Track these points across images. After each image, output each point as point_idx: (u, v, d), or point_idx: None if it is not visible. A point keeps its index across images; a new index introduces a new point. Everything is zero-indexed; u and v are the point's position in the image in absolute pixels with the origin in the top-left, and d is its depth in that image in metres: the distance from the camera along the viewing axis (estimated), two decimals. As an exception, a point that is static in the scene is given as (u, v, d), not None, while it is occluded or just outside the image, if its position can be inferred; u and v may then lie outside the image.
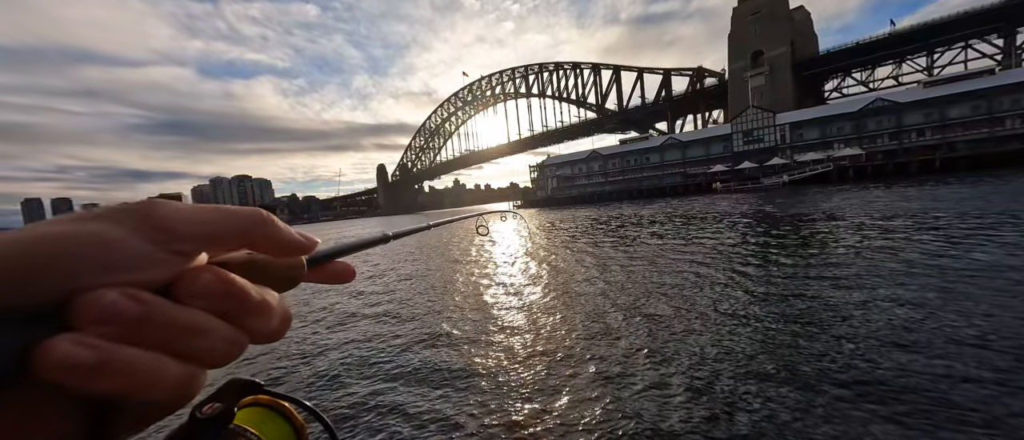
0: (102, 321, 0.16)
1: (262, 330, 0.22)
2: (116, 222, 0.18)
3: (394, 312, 6.94)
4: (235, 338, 0.20)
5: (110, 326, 0.16)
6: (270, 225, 0.22)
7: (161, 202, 0.19)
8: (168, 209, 0.19)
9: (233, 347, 0.20)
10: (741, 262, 8.14)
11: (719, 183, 53.10)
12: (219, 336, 0.19)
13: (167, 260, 0.19)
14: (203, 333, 0.19)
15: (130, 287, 0.17)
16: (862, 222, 11.78)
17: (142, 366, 0.16)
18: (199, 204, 0.21)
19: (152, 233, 0.18)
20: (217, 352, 0.19)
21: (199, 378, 0.19)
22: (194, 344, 0.18)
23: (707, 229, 14.06)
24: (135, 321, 0.17)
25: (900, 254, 7.37)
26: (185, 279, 0.19)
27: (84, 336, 0.16)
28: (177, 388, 0.18)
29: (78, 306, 0.16)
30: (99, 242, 0.17)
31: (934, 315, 4.44)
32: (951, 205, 13.53)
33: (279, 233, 0.23)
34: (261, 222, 0.22)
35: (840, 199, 20.64)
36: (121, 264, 0.17)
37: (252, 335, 0.21)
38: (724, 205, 25.24)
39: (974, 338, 3.81)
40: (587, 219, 24.91)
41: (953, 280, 5.59)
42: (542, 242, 15.10)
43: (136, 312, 0.17)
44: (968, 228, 9.19)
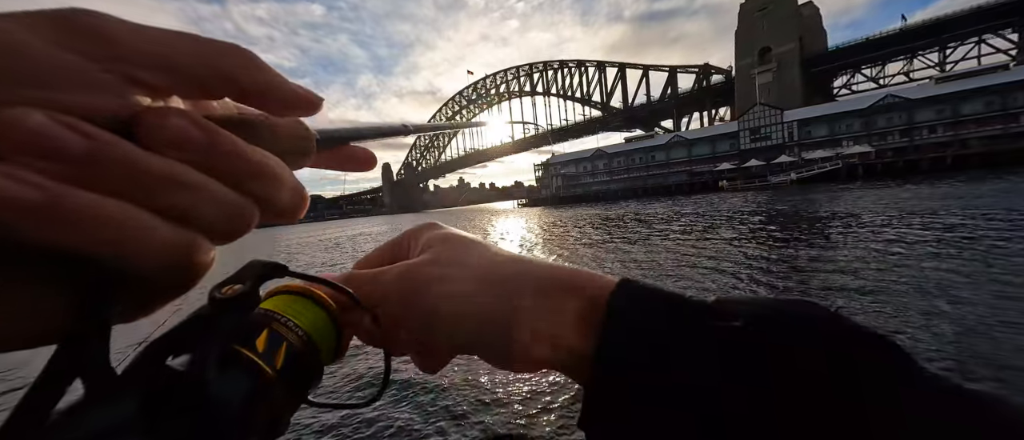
0: (36, 151, 0.12)
1: (269, 199, 0.17)
2: (28, 26, 0.12)
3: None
4: (235, 200, 0.16)
5: (50, 160, 0.12)
6: (256, 64, 0.16)
7: (96, 12, 0.14)
8: (106, 18, 0.13)
9: (237, 213, 0.16)
10: (752, 260, 7.95)
11: (726, 181, 52.55)
12: (212, 194, 0.15)
13: (111, 84, 0.13)
14: (186, 187, 0.14)
15: (62, 113, 0.12)
16: (882, 220, 11.52)
17: (110, 215, 0.12)
18: (157, 26, 0.15)
19: (83, 44, 0.13)
20: (218, 217, 0.15)
21: (201, 246, 0.15)
22: (181, 201, 0.14)
23: (716, 227, 13.84)
24: (84, 156, 0.12)
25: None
26: (147, 118, 0.14)
27: (15, 168, 0.11)
28: (171, 253, 0.14)
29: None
30: (11, 47, 0.12)
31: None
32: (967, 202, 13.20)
33: (272, 76, 0.17)
34: (239, 55, 0.16)
35: (850, 197, 20.28)
36: (40, 79, 0.12)
37: (261, 203, 0.17)
38: (731, 203, 24.95)
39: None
40: (593, 217, 24.73)
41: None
42: (551, 239, 14.95)
43: (82, 145, 0.12)
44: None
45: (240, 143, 0.16)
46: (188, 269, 0.15)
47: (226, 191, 0.15)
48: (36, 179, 0.11)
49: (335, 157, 0.23)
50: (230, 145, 0.15)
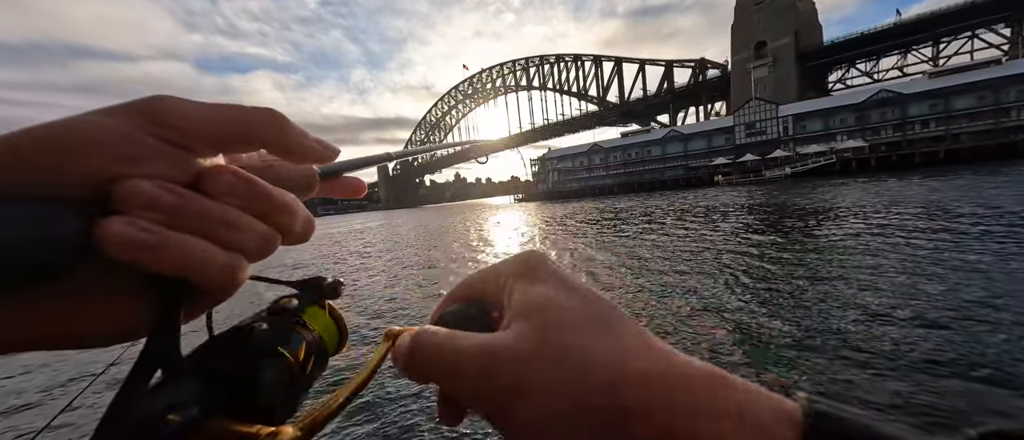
0: (147, 207, 0.18)
1: (290, 229, 0.23)
2: (123, 118, 0.19)
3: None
4: (268, 233, 0.22)
5: (155, 212, 0.18)
6: (282, 124, 0.22)
7: (163, 97, 0.20)
8: (173, 104, 0.20)
9: (267, 242, 0.22)
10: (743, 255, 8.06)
11: (721, 176, 52.82)
12: (254, 230, 0.21)
13: (183, 159, 0.20)
14: (239, 226, 0.20)
15: (158, 179, 0.18)
16: (872, 212, 11.67)
17: (195, 249, 0.19)
18: (210, 102, 0.21)
19: (160, 130, 0.19)
20: (255, 245, 0.21)
21: (244, 268, 0.21)
22: (232, 236, 0.20)
23: (712, 222, 13.96)
24: (174, 209, 0.18)
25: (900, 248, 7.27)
26: (208, 177, 0.20)
27: (135, 219, 0.18)
28: (226, 274, 0.20)
29: (121, 192, 0.18)
30: (118, 135, 0.18)
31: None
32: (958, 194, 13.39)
33: (295, 136, 0.23)
34: (272, 122, 0.22)
35: (843, 191, 20.50)
36: (142, 157, 0.18)
37: (282, 232, 0.22)
38: (727, 198, 25.10)
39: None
40: (589, 211, 24.81)
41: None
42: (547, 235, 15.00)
43: (174, 201, 0.18)
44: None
45: (269, 187, 0.22)
46: (232, 283, 0.21)
47: (260, 225, 0.21)
48: (150, 226, 0.18)
49: (332, 186, 0.28)
50: (263, 189, 0.21)
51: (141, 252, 0.17)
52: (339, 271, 5.51)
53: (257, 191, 0.21)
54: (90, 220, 0.17)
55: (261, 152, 0.24)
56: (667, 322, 4.87)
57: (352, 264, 13.05)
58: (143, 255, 0.17)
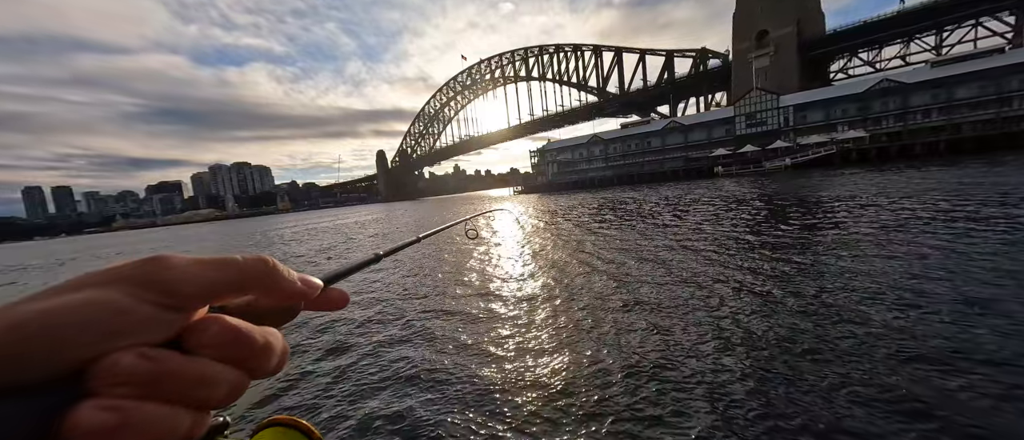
0: (120, 383, 0.18)
1: (264, 370, 0.23)
2: (122, 289, 0.19)
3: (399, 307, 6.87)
4: (239, 381, 0.22)
5: (128, 387, 0.18)
6: (273, 275, 0.23)
7: (164, 259, 0.21)
8: (172, 270, 0.20)
9: (236, 389, 0.22)
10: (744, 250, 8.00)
11: (721, 167, 52.60)
12: (226, 382, 0.21)
13: (174, 320, 0.20)
14: (212, 383, 0.21)
15: (142, 347, 0.19)
16: (869, 205, 11.60)
17: (158, 420, 0.19)
18: (202, 258, 0.22)
19: (158, 297, 0.20)
20: (223, 397, 0.21)
21: (206, 420, 0.21)
22: (202, 394, 0.20)
23: (711, 213, 13.88)
24: (149, 380, 0.18)
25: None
26: (194, 331, 0.21)
27: (105, 400, 0.18)
28: (187, 434, 0.20)
29: (97, 372, 0.18)
30: (112, 311, 0.19)
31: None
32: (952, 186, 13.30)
33: (282, 282, 0.24)
34: (264, 273, 0.23)
35: (841, 181, 20.38)
36: (131, 330, 0.19)
37: (254, 374, 0.23)
38: (728, 190, 24.98)
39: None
40: (589, 203, 24.70)
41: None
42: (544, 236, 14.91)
43: (149, 371, 0.19)
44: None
45: (254, 333, 0.22)
46: (191, 438, 0.21)
47: (235, 374, 0.22)
48: (115, 403, 0.18)
49: (317, 304, 0.28)
50: (246, 338, 0.22)
51: (103, 437, 0.17)
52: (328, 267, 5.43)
53: (241, 340, 0.22)
54: (59, 411, 0.17)
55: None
56: (665, 304, 4.83)
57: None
58: (105, 436, 0.17)
